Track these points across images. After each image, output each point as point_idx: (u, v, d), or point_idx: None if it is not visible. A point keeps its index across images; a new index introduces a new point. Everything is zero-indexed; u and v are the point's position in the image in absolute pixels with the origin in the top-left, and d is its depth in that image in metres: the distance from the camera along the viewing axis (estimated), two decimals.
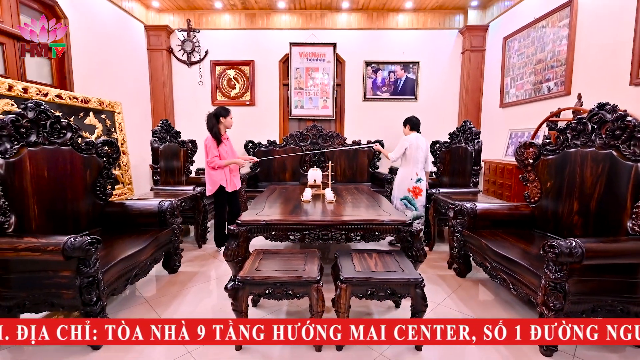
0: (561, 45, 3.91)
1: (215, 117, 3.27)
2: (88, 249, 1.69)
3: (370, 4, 5.46)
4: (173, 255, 2.80)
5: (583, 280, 1.75)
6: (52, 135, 2.23)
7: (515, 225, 2.66)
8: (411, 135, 3.58)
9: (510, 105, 4.95)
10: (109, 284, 1.92)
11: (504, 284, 2.18)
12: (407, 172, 3.52)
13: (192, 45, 5.66)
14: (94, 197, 2.53)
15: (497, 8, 5.28)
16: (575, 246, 1.64)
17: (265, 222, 2.28)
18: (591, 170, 2.20)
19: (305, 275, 1.80)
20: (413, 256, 2.21)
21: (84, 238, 1.70)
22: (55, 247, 1.65)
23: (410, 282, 1.76)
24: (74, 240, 1.67)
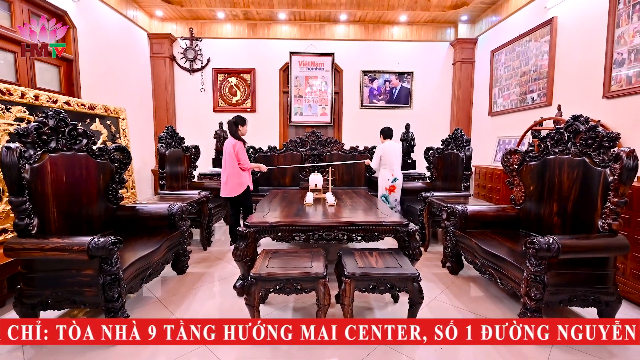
0: (543, 60, 4.20)
1: (235, 124, 3.59)
2: (111, 249, 1.83)
3: (366, 17, 5.74)
4: (182, 257, 2.95)
5: (560, 273, 1.98)
6: (70, 141, 2.36)
7: (502, 225, 2.89)
8: (385, 143, 4.10)
9: (498, 114, 5.24)
10: (127, 282, 2.05)
11: (492, 279, 2.40)
12: (385, 174, 4.05)
13: (194, 53, 5.85)
14: (107, 201, 2.66)
15: (485, 23, 5.59)
16: (553, 242, 1.87)
17: (272, 224, 2.45)
18: (568, 175, 2.44)
19: (312, 271, 1.98)
20: (410, 255, 2.40)
21: (107, 238, 1.84)
22: (80, 246, 1.78)
23: (408, 277, 1.97)
24: (98, 241, 1.80)
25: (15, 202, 1.85)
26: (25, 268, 1.92)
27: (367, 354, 1.85)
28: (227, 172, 3.53)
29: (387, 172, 4.02)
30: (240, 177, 3.51)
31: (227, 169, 3.53)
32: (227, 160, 3.52)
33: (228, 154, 3.50)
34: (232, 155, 3.47)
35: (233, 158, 3.47)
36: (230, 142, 3.52)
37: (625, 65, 3.10)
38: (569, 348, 1.90)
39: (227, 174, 3.53)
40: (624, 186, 1.98)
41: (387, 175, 4.02)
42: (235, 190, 3.53)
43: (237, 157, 3.48)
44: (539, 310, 1.95)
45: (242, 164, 3.50)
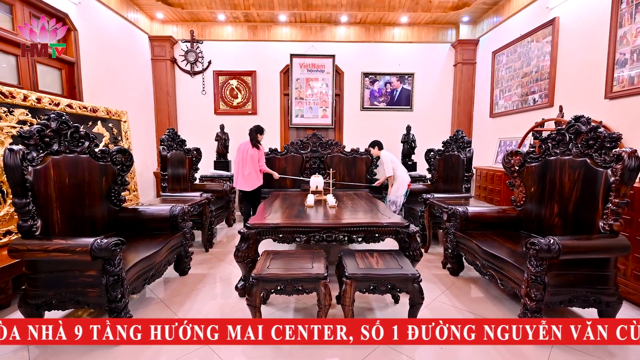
0: (545, 61, 4.20)
1: (256, 132, 4.26)
2: (114, 250, 1.84)
3: (367, 18, 5.75)
4: (184, 258, 2.96)
5: (561, 274, 1.98)
6: (72, 144, 2.38)
7: (503, 226, 2.89)
8: (383, 151, 4.36)
9: (500, 116, 5.24)
10: (130, 283, 2.07)
11: (493, 280, 2.39)
12: (404, 174, 4.18)
13: (195, 55, 5.88)
14: (109, 203, 2.67)
15: (486, 24, 5.59)
16: (553, 243, 1.87)
17: (273, 225, 2.46)
18: (569, 176, 2.44)
19: (313, 272, 1.99)
20: (410, 256, 2.41)
21: (110, 239, 1.85)
22: (83, 247, 1.80)
23: (409, 277, 1.97)
24: (101, 242, 1.82)
25: (18, 204, 1.87)
26: (29, 269, 1.94)
27: (367, 353, 1.86)
28: (247, 170, 4.16)
29: (404, 172, 4.17)
30: (258, 175, 4.25)
31: (247, 168, 4.16)
32: (247, 160, 4.16)
33: (250, 156, 4.16)
34: (255, 157, 4.18)
35: (255, 160, 4.19)
36: (250, 145, 4.20)
37: (627, 66, 3.09)
38: (569, 348, 1.90)
39: (248, 172, 4.16)
40: (626, 187, 1.98)
41: (405, 174, 4.17)
42: (254, 185, 4.20)
43: (259, 159, 4.23)
44: (539, 310, 1.95)
45: (262, 165, 4.26)
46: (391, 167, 4.15)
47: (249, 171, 4.16)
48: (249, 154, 4.16)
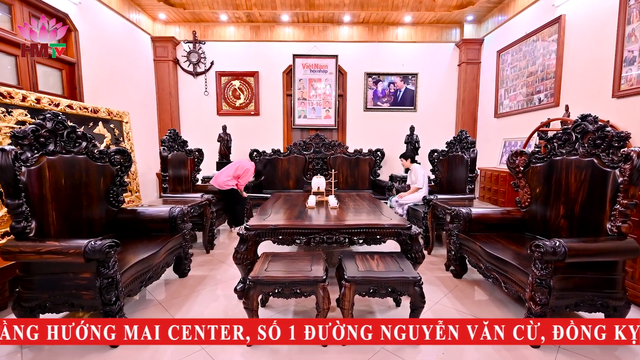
0: (550, 59, 4.12)
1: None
2: (108, 252, 1.80)
3: (370, 18, 5.71)
4: (183, 260, 2.93)
5: (566, 277, 1.91)
6: (69, 144, 2.33)
7: (507, 228, 2.82)
8: (415, 164, 4.34)
9: (504, 116, 5.16)
10: (126, 285, 2.03)
11: (497, 282, 2.33)
12: (426, 190, 4.17)
13: (197, 56, 5.88)
14: (107, 204, 2.64)
15: (491, 23, 5.52)
16: (559, 245, 1.81)
17: (273, 226, 2.42)
18: (575, 176, 2.37)
19: (312, 275, 1.95)
20: (412, 258, 2.36)
21: (104, 241, 1.81)
22: (76, 249, 1.76)
23: (409, 280, 1.92)
24: (94, 244, 1.78)
25: (11, 205, 1.85)
26: (23, 271, 1.92)
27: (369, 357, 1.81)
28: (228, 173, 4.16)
29: (427, 189, 4.19)
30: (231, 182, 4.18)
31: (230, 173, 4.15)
32: (237, 168, 4.19)
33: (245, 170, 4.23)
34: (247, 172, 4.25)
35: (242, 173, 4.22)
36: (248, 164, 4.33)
37: (635, 64, 3.02)
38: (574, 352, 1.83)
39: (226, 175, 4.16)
40: (635, 187, 1.91)
41: (426, 191, 4.17)
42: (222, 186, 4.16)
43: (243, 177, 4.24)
44: (544, 315, 1.88)
45: (241, 184, 4.26)
46: (422, 182, 4.19)
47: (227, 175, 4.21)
48: (245, 168, 4.26)
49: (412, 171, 4.34)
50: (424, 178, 4.21)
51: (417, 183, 4.21)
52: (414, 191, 4.22)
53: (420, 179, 4.21)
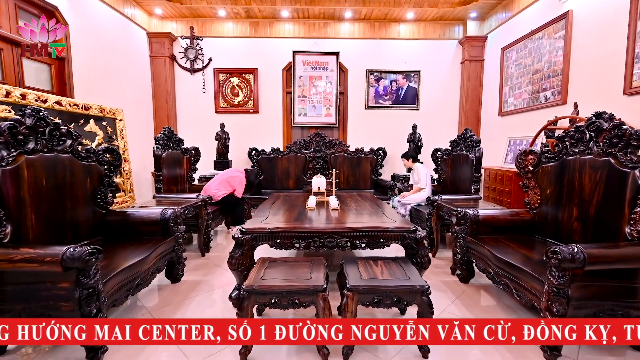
0: (557, 56, 4.00)
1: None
2: (88, 259, 1.64)
3: (372, 14, 5.58)
4: (176, 264, 2.78)
5: (585, 286, 1.79)
6: (52, 142, 2.19)
7: (516, 231, 2.70)
8: (420, 164, 4.23)
9: (509, 114, 5.04)
10: (110, 295, 1.88)
11: (507, 289, 2.21)
12: (430, 190, 4.05)
13: (195, 52, 5.74)
14: (95, 206, 2.50)
15: (495, 20, 5.40)
16: (577, 252, 1.68)
17: (270, 230, 2.29)
18: (589, 177, 2.25)
19: (311, 283, 1.81)
20: (418, 263, 2.24)
21: (84, 248, 1.65)
22: (53, 257, 1.59)
23: (417, 290, 1.79)
24: (73, 251, 1.62)
25: None
26: None
27: None
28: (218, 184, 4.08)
29: (430, 189, 4.09)
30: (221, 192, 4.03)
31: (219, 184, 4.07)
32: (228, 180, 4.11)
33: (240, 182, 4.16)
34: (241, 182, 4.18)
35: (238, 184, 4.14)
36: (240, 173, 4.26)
37: None
38: None
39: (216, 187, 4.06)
40: None
41: (429, 192, 4.06)
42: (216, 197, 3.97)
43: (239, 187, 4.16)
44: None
45: (238, 193, 4.16)
46: (425, 181, 4.08)
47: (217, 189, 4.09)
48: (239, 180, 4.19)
49: (415, 171, 4.22)
50: (427, 178, 4.09)
51: (420, 183, 4.09)
52: (416, 191, 4.11)
53: (423, 178, 4.09)
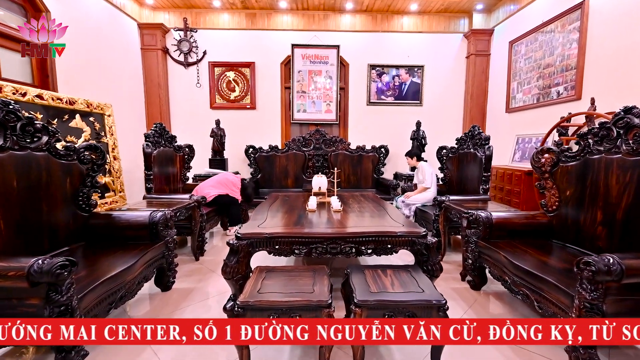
0: (571, 49, 3.80)
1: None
2: (59, 273, 1.43)
3: (374, 6, 5.35)
4: (166, 271, 2.57)
5: (620, 300, 1.60)
6: (24, 139, 1.99)
7: (531, 235, 2.52)
8: (424, 162, 4.09)
9: (517, 110, 4.84)
10: (88, 311, 1.67)
11: (527, 300, 2.02)
12: (435, 190, 3.88)
13: (189, 45, 5.50)
14: (76, 208, 2.29)
15: (502, 12, 5.19)
16: (614, 263, 1.49)
17: (268, 235, 2.10)
18: (617, 178, 2.06)
19: (314, 298, 1.60)
20: (429, 270, 2.05)
21: (54, 260, 1.45)
22: (18, 271, 1.39)
23: (433, 305, 1.60)
24: (42, 263, 1.42)
25: None
26: None
27: None
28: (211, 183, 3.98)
29: (435, 189, 3.92)
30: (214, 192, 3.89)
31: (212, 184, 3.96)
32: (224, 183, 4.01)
33: (233, 184, 4.07)
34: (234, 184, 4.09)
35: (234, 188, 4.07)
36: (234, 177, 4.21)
37: None
38: None
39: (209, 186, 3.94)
40: None
41: (435, 192, 3.89)
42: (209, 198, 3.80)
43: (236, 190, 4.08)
44: (594, 346, 1.57)
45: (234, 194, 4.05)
46: (430, 181, 3.90)
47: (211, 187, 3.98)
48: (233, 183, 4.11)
49: (419, 170, 4.02)
50: (432, 177, 3.90)
51: (425, 182, 3.90)
52: (421, 191, 3.92)
53: (428, 178, 3.90)
